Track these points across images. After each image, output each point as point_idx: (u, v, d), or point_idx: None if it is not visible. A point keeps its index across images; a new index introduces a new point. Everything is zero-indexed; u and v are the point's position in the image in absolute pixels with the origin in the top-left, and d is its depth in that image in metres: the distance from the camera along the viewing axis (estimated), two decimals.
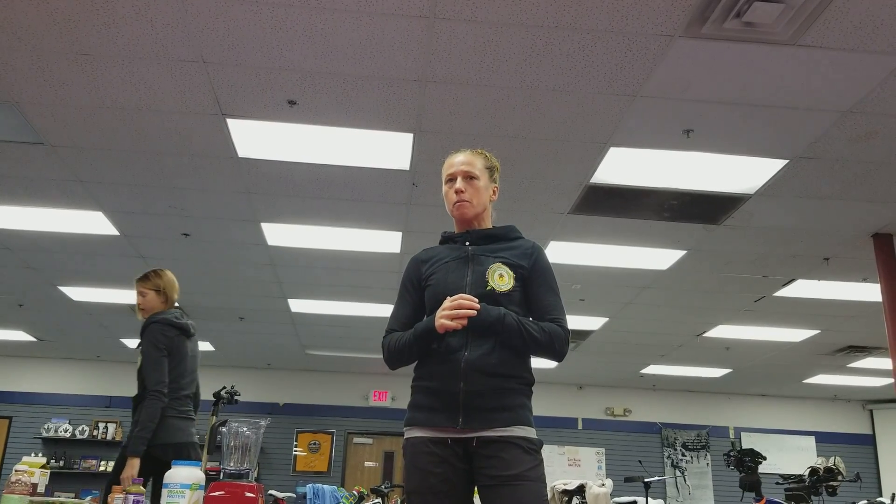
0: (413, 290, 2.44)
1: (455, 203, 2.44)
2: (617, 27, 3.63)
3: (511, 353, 2.24)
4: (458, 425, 2.15)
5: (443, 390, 2.20)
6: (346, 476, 11.98)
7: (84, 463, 11.49)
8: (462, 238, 2.44)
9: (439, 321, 2.16)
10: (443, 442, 2.18)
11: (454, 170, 2.49)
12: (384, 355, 2.40)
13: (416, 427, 2.25)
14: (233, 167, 5.24)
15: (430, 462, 2.17)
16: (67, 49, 3.93)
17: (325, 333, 9.97)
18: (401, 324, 2.40)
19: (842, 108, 4.26)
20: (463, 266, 2.36)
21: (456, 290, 2.26)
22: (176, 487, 2.55)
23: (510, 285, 2.30)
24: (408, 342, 2.29)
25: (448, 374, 2.20)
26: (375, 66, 4.01)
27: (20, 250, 7.04)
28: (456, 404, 2.17)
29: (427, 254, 2.49)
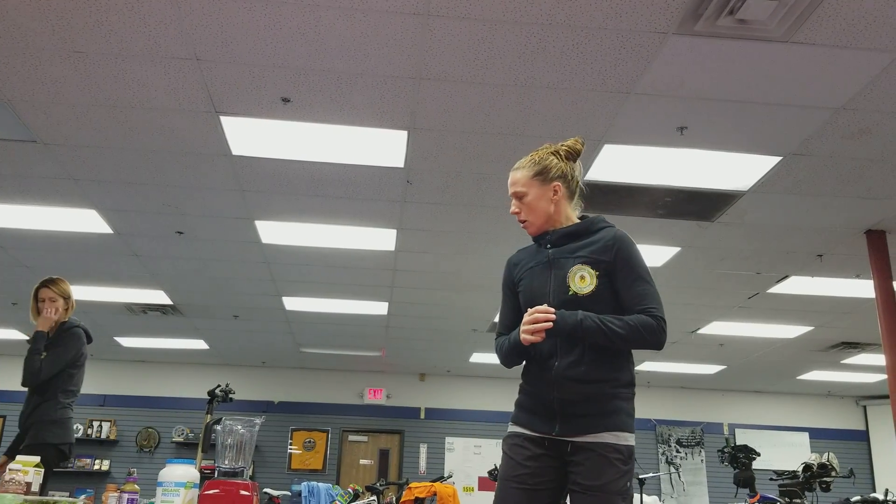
0: (510, 293, 2.50)
1: (521, 223, 2.50)
2: (611, 24, 3.63)
3: (602, 355, 2.25)
4: (554, 431, 2.24)
5: (539, 397, 2.30)
6: (341, 474, 11.98)
7: (78, 462, 11.46)
8: (541, 240, 2.46)
9: (522, 336, 2.24)
10: (540, 441, 2.27)
11: (510, 192, 2.51)
12: (498, 357, 2.49)
13: (518, 425, 2.35)
14: (226, 165, 5.23)
15: (525, 456, 2.27)
16: (60, 47, 3.91)
17: (319, 331, 9.96)
18: (506, 327, 2.47)
19: (835, 105, 4.28)
20: (546, 271, 2.38)
21: (541, 296, 2.32)
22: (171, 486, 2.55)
23: (593, 285, 2.29)
24: (507, 350, 2.40)
25: (543, 383, 2.29)
26: (369, 63, 4.00)
27: (13, 249, 7.01)
28: (552, 412, 2.26)
29: (518, 256, 2.54)
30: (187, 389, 11.93)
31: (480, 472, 11.81)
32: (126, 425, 11.88)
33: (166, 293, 8.37)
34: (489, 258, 6.95)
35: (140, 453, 11.76)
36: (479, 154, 4.97)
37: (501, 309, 2.52)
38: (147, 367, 12.21)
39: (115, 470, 11.54)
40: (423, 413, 12.46)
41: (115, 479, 11.13)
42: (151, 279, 7.86)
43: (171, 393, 12.06)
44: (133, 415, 11.89)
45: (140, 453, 11.76)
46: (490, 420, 12.41)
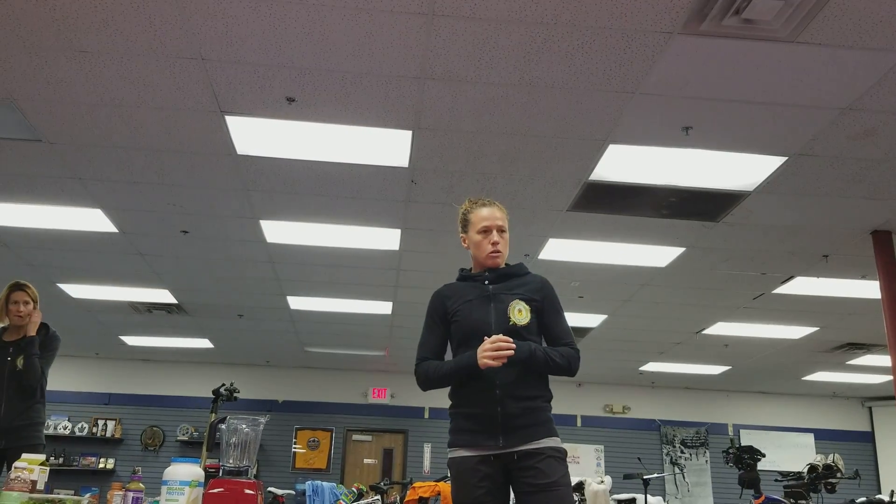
0: (440, 322, 2.77)
1: (490, 253, 2.74)
2: (616, 24, 3.63)
3: (534, 376, 2.64)
4: (499, 443, 2.53)
5: (483, 415, 2.57)
6: (345, 473, 11.99)
7: (83, 460, 11.49)
8: (481, 277, 2.77)
9: (483, 360, 2.51)
10: (486, 459, 2.54)
11: (490, 223, 2.76)
12: (419, 380, 2.74)
13: (462, 448, 2.60)
14: (231, 164, 5.23)
15: (476, 478, 2.53)
16: (65, 46, 3.92)
17: (323, 330, 9.97)
18: (432, 352, 2.75)
19: (840, 106, 4.26)
20: (486, 304, 2.70)
21: (482, 326, 2.64)
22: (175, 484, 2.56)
23: (528, 318, 2.67)
24: (448, 373, 2.65)
25: (486, 401, 2.57)
26: (374, 63, 4.01)
27: (19, 248, 7.03)
28: (496, 426, 2.55)
29: (449, 290, 2.82)
30: (192, 388, 11.95)
31: None
32: (131, 424, 11.90)
33: (171, 292, 8.38)
34: None
35: (145, 452, 11.79)
36: (484, 154, 4.97)
37: (426, 337, 2.78)
38: (152, 366, 12.23)
39: (119, 468, 11.56)
40: (427, 413, 12.46)
41: (120, 478, 11.16)
42: (156, 278, 7.88)
43: (175, 392, 12.08)
44: (138, 413, 11.92)
45: (145, 452, 11.79)
46: None
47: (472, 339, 2.63)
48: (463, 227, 2.87)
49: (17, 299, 4.33)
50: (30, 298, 4.36)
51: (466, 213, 2.85)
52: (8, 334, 4.38)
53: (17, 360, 4.26)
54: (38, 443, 4.31)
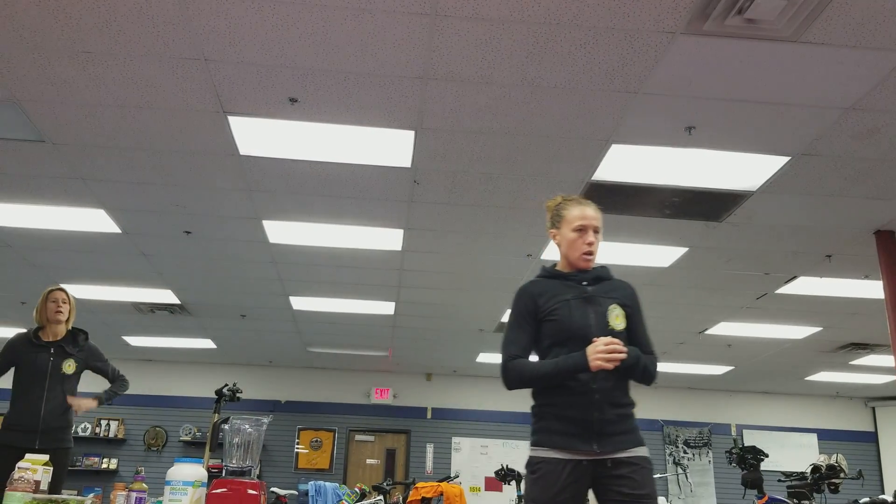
0: (531, 320, 2.67)
1: (584, 254, 2.68)
2: (618, 24, 3.62)
3: (626, 384, 2.63)
4: (593, 449, 2.49)
5: (579, 418, 2.52)
6: (347, 473, 11.99)
7: (87, 460, 11.51)
8: (577, 277, 2.71)
9: (596, 361, 2.46)
10: (578, 464, 2.49)
11: (587, 223, 2.70)
12: (510, 377, 2.65)
13: (553, 449, 2.53)
14: (234, 165, 5.24)
15: (564, 482, 2.47)
16: (69, 47, 3.93)
17: (326, 331, 9.98)
18: (523, 350, 2.67)
19: (844, 105, 4.26)
20: (585, 306, 2.64)
21: (583, 329, 2.58)
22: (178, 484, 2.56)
23: (624, 325, 2.64)
24: (548, 373, 2.56)
25: (584, 405, 2.52)
26: (376, 63, 4.01)
27: (22, 248, 7.04)
28: (591, 431, 2.50)
29: (538, 287, 2.72)
30: (195, 389, 11.97)
31: (487, 472, 11.81)
32: (134, 424, 11.92)
33: (174, 292, 8.39)
34: (496, 258, 6.95)
35: (148, 452, 11.80)
36: (487, 154, 4.97)
37: (515, 334, 2.68)
38: (155, 366, 12.24)
39: (123, 469, 11.58)
40: (430, 413, 12.46)
41: (123, 478, 11.17)
42: (159, 278, 7.88)
43: (178, 392, 12.10)
44: (141, 414, 11.93)
45: (148, 452, 11.80)
46: (497, 420, 12.40)
47: (570, 340, 2.58)
48: (554, 222, 2.79)
49: (56, 298, 4.53)
50: (68, 298, 4.58)
51: (559, 208, 2.77)
52: (44, 333, 4.48)
53: (64, 363, 4.40)
54: (69, 445, 4.47)
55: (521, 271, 7.28)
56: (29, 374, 4.38)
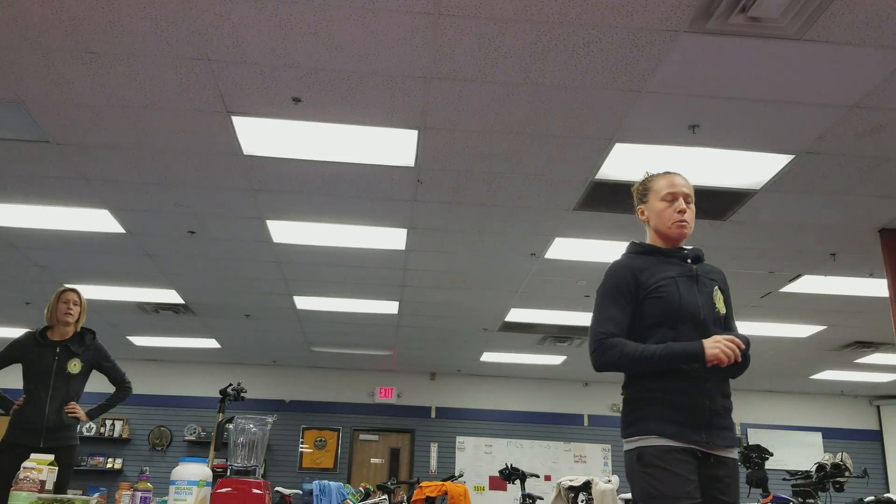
0: (630, 297, 2.46)
1: (677, 222, 2.50)
2: (622, 23, 3.62)
3: (728, 374, 2.45)
4: (703, 439, 2.31)
5: (689, 405, 2.32)
6: (352, 473, 12.00)
7: (91, 460, 11.54)
8: (679, 255, 2.54)
9: (714, 353, 2.28)
10: (693, 453, 2.30)
11: (677, 190, 2.53)
12: (608, 355, 2.40)
13: (665, 437, 2.30)
14: (238, 164, 5.24)
15: (689, 470, 2.27)
16: (73, 47, 3.94)
17: (330, 330, 9.98)
18: (621, 329, 2.43)
19: (848, 103, 4.25)
20: (692, 285, 2.46)
21: (693, 309, 2.41)
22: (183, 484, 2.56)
23: (724, 309, 2.50)
24: (654, 355, 2.34)
25: (696, 391, 2.34)
26: (380, 62, 4.01)
27: (27, 248, 7.06)
28: (701, 420, 2.32)
29: (639, 262, 2.52)
30: (199, 388, 11.99)
31: (491, 471, 11.81)
32: (138, 424, 11.94)
33: (178, 292, 8.41)
34: (500, 257, 6.95)
35: (152, 452, 11.83)
36: (490, 153, 4.97)
37: (612, 311, 2.45)
38: (159, 365, 12.27)
39: (127, 468, 11.60)
40: (434, 412, 12.46)
41: (128, 478, 11.20)
42: (163, 278, 7.90)
43: (183, 392, 12.12)
44: (145, 413, 11.95)
45: (152, 452, 11.83)
46: (501, 420, 12.40)
47: (679, 321, 2.38)
48: (641, 197, 2.62)
49: (68, 299, 4.54)
50: (79, 300, 4.60)
51: (645, 182, 2.63)
52: (52, 333, 4.51)
53: (69, 363, 4.41)
54: (75, 443, 4.50)
55: (524, 270, 7.28)
56: (34, 373, 4.40)
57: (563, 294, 8.02)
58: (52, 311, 4.53)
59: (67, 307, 4.50)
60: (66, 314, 4.49)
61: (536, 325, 9.29)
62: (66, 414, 4.40)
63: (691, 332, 2.37)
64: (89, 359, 4.58)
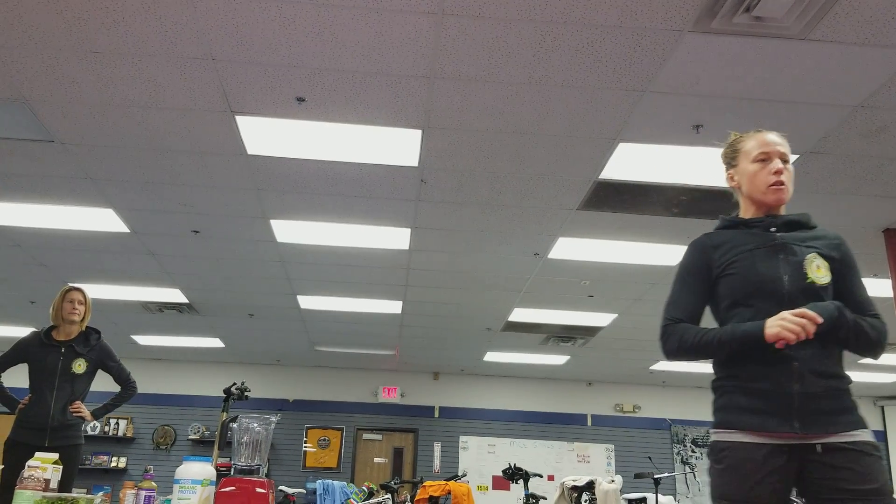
0: (701, 278, 2.26)
1: (772, 185, 2.24)
2: (626, 22, 3.62)
3: (833, 350, 2.13)
4: (794, 430, 2.02)
5: (773, 392, 2.05)
6: (355, 472, 12.01)
7: (96, 459, 11.56)
8: (764, 223, 2.25)
9: (774, 332, 2.00)
10: (777, 449, 2.03)
11: (770, 149, 2.27)
12: (669, 343, 2.25)
13: (741, 431, 2.07)
14: (242, 164, 5.25)
15: (763, 471, 2.02)
16: (77, 47, 3.95)
17: (334, 330, 9.99)
18: (688, 313, 2.26)
19: (853, 103, 4.24)
20: (773, 255, 2.18)
21: (771, 281, 2.13)
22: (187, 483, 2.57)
23: (828, 278, 2.15)
24: (715, 340, 2.13)
25: (780, 374, 2.05)
26: (384, 62, 4.01)
27: (31, 248, 7.08)
28: (790, 407, 2.03)
29: (715, 239, 2.28)
30: (203, 387, 12.01)
31: (494, 470, 11.81)
32: (143, 423, 11.97)
33: (182, 292, 8.42)
34: (503, 257, 6.95)
35: (156, 451, 11.85)
36: (494, 153, 4.97)
37: (679, 294, 2.30)
38: (163, 365, 12.29)
39: (131, 467, 11.63)
40: (438, 412, 12.47)
41: (132, 477, 11.22)
42: (168, 278, 7.91)
43: (187, 391, 12.14)
44: (149, 412, 11.98)
45: (156, 451, 11.85)
46: (504, 419, 12.40)
47: (754, 296, 2.13)
48: (730, 161, 2.37)
49: (73, 298, 4.55)
50: (84, 299, 4.61)
51: (735, 143, 2.37)
52: (57, 333, 4.52)
53: (74, 363, 4.43)
54: (80, 442, 4.51)
55: (528, 270, 7.28)
56: (39, 373, 4.42)
57: (566, 294, 8.02)
58: (57, 310, 4.54)
59: (73, 306, 4.51)
60: (72, 313, 4.50)
61: (540, 324, 9.29)
62: (70, 413, 4.40)
63: (773, 309, 2.07)
64: (94, 359, 4.58)
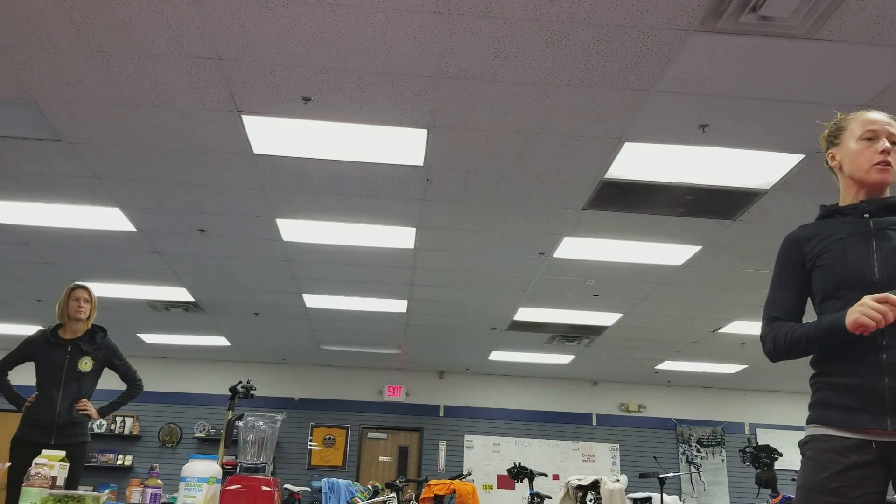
0: (795, 273, 2.19)
1: (876, 164, 2.11)
2: (632, 22, 3.62)
3: None
4: (886, 427, 1.93)
5: (863, 388, 1.97)
6: (360, 470, 12.03)
7: (102, 457, 11.60)
8: (858, 209, 2.13)
9: (853, 319, 1.90)
10: (863, 445, 1.95)
11: (879, 128, 2.14)
12: (767, 346, 2.21)
13: (828, 426, 2.03)
14: (248, 163, 5.26)
15: (843, 465, 1.95)
16: (84, 47, 3.96)
17: (339, 329, 10.00)
18: (785, 311, 2.20)
19: (859, 102, 4.22)
20: (864, 242, 2.07)
21: (861, 270, 2.03)
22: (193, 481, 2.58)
23: None
24: (806, 336, 2.07)
25: (869, 370, 1.97)
26: (390, 62, 4.02)
27: (39, 246, 7.10)
28: (881, 403, 1.94)
29: (808, 231, 2.20)
30: (209, 386, 12.04)
31: (500, 469, 11.81)
32: (148, 421, 12.00)
33: (188, 290, 8.44)
34: (509, 256, 6.95)
35: (162, 449, 11.88)
36: (499, 152, 4.97)
37: (776, 293, 2.24)
38: (169, 363, 12.32)
39: (138, 465, 11.66)
40: (443, 411, 12.47)
41: (139, 474, 11.25)
42: (174, 276, 7.93)
43: (192, 389, 12.17)
44: (155, 411, 12.01)
45: (162, 449, 11.88)
46: (509, 419, 12.40)
47: (844, 287, 2.04)
48: (831, 141, 2.24)
49: (78, 296, 4.56)
50: (90, 297, 4.61)
51: (839, 122, 2.23)
52: (64, 331, 4.54)
53: (80, 361, 4.45)
54: (86, 440, 4.54)
55: (533, 269, 7.28)
56: (46, 371, 4.44)
57: (571, 293, 8.01)
58: (63, 308, 4.55)
59: (78, 304, 4.53)
60: (78, 311, 4.52)
61: (545, 324, 9.29)
62: (77, 411, 4.42)
63: None
64: (101, 357, 4.60)
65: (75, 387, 4.44)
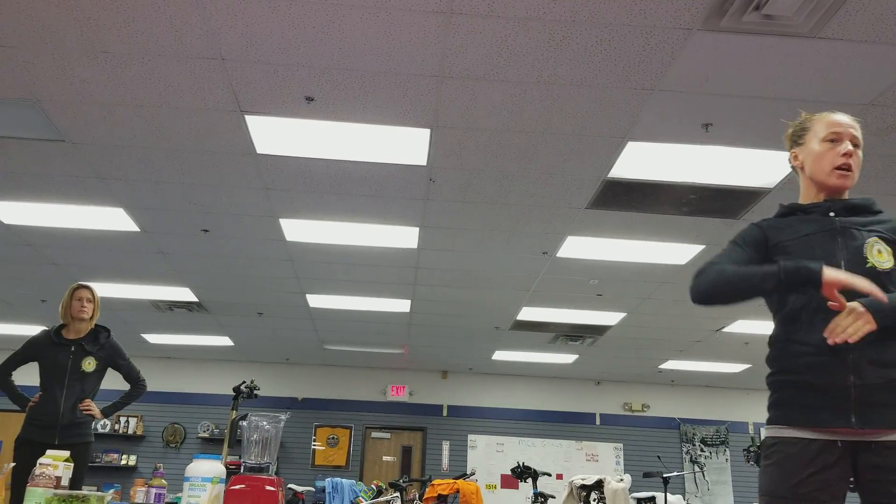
0: (754, 245, 2.15)
1: (837, 168, 2.13)
2: (635, 21, 3.61)
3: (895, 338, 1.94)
4: (851, 424, 1.89)
5: (826, 385, 1.93)
6: (364, 470, 12.03)
7: (106, 457, 11.62)
8: (822, 208, 2.14)
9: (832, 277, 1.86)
10: (830, 446, 1.92)
11: (842, 130, 2.15)
12: (704, 277, 2.09)
13: (790, 426, 1.98)
14: (251, 163, 5.27)
15: (811, 468, 1.90)
16: (87, 47, 3.97)
17: (343, 328, 10.01)
18: (732, 262, 2.12)
19: (863, 102, 4.22)
20: (830, 240, 2.07)
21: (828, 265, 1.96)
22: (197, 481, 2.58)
23: (891, 263, 2.03)
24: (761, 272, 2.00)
25: (833, 365, 1.93)
26: (392, 61, 4.02)
27: (42, 246, 7.12)
28: (846, 401, 1.90)
29: (773, 222, 2.19)
30: (213, 386, 12.05)
31: (503, 469, 11.80)
32: (152, 421, 12.02)
33: (192, 290, 8.45)
34: (512, 256, 6.94)
35: (166, 449, 11.90)
36: (502, 152, 4.97)
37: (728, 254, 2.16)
38: (173, 363, 12.34)
39: (142, 465, 11.68)
40: (446, 410, 12.47)
41: (142, 474, 11.27)
42: (177, 277, 7.94)
43: (196, 389, 12.19)
44: (159, 411, 12.02)
45: (166, 449, 11.90)
46: (513, 418, 12.40)
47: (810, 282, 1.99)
48: (795, 140, 2.25)
49: (81, 296, 4.57)
50: (93, 296, 4.62)
51: (804, 122, 2.24)
52: (67, 331, 4.55)
53: (83, 361, 4.45)
54: (89, 440, 4.54)
55: (536, 269, 7.27)
56: (49, 371, 4.45)
57: (575, 293, 8.01)
58: (66, 307, 4.56)
59: (81, 304, 4.53)
60: (80, 311, 4.52)
61: (548, 323, 9.28)
62: (80, 411, 4.43)
63: None
64: (104, 357, 4.60)
65: (79, 387, 4.45)
